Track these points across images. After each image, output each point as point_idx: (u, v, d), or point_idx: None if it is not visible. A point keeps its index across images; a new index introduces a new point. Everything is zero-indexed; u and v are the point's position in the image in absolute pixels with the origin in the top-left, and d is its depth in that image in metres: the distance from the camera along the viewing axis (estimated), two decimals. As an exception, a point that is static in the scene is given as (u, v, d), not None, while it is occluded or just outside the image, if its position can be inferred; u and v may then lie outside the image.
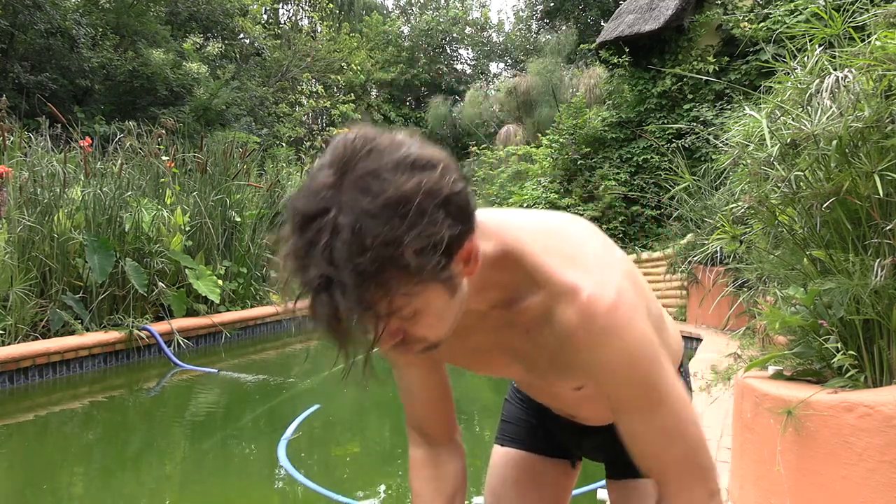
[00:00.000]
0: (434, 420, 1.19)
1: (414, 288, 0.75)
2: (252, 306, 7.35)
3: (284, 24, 20.76)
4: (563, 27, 19.50)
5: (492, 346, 1.01)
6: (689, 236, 7.15)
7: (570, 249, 0.92)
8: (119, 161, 6.46)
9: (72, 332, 5.33)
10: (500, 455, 1.39)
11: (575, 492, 2.92)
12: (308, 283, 0.73)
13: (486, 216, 0.90)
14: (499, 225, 0.92)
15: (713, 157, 5.81)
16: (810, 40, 2.28)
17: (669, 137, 8.51)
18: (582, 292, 0.86)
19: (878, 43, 2.02)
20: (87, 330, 5.46)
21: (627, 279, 0.92)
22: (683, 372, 1.32)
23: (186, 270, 6.39)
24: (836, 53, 2.18)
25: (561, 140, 9.26)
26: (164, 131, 7.61)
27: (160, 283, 6.01)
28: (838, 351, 2.01)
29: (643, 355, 0.88)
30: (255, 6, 17.71)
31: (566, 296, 0.87)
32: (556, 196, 8.93)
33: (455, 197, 0.76)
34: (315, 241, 0.72)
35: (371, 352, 0.79)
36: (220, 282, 6.61)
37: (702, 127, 7.45)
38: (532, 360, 0.99)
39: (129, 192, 6.23)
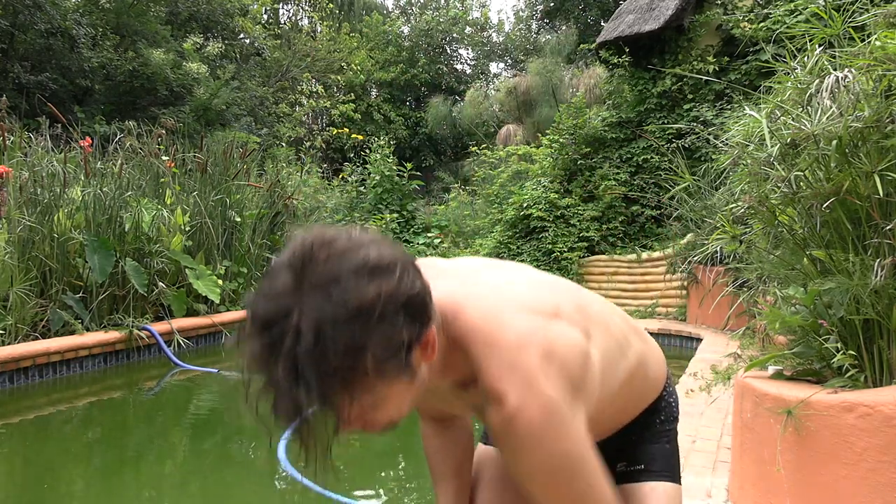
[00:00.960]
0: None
1: (375, 385, 0.79)
2: (252, 306, 7.34)
3: (284, 24, 20.76)
4: (563, 27, 19.51)
5: (451, 403, 1.10)
6: (689, 236, 7.15)
7: (513, 339, 0.91)
8: (119, 161, 6.45)
9: (72, 332, 5.33)
10: (483, 453, 1.41)
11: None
12: (272, 384, 0.77)
13: (442, 294, 0.94)
14: (455, 310, 0.95)
15: (713, 157, 5.82)
16: (810, 40, 2.28)
17: (669, 137, 8.51)
18: (508, 405, 0.88)
19: (878, 43, 2.02)
20: (87, 330, 5.46)
21: (568, 344, 0.93)
22: (668, 392, 1.32)
23: (186, 270, 6.39)
24: (836, 53, 2.18)
25: (561, 140, 9.26)
26: (164, 131, 7.60)
27: (160, 283, 6.00)
28: (838, 351, 2.01)
29: (562, 468, 0.90)
30: (255, 6, 17.69)
31: (496, 403, 0.90)
32: (556, 196, 8.93)
33: (414, 299, 0.81)
34: (277, 344, 0.76)
35: (331, 445, 0.83)
36: (220, 282, 6.61)
37: (702, 127, 7.45)
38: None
39: (129, 192, 6.23)
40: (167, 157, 7.11)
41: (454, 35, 22.30)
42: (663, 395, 1.30)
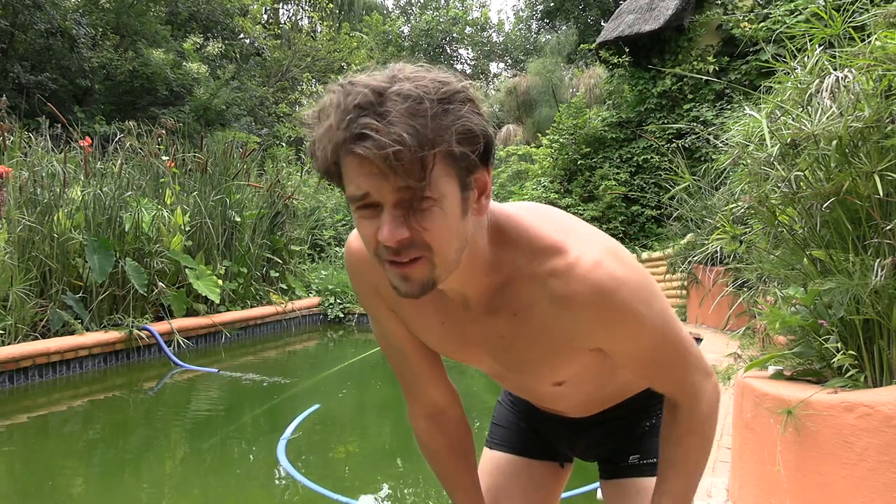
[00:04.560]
0: (426, 375, 1.19)
1: (447, 168, 0.77)
2: (252, 306, 7.35)
3: (284, 24, 20.76)
4: (563, 27, 19.49)
5: (471, 336, 1.04)
6: (689, 236, 7.14)
7: (561, 222, 0.96)
8: (119, 161, 6.45)
9: (72, 332, 5.32)
10: (489, 459, 1.39)
11: (575, 491, 2.92)
12: (365, 123, 0.74)
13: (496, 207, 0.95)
14: (497, 207, 0.96)
15: (713, 157, 5.81)
16: (810, 40, 2.28)
17: (669, 137, 8.51)
18: (568, 254, 0.89)
19: (878, 43, 2.02)
20: (87, 330, 5.46)
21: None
22: None
23: (186, 270, 6.39)
24: (836, 53, 2.18)
25: (561, 140, 9.26)
26: (164, 131, 7.60)
27: (160, 283, 6.00)
28: (838, 351, 2.01)
29: (643, 299, 0.92)
30: (255, 6, 17.69)
31: (553, 254, 0.90)
32: (556, 196, 8.93)
33: (485, 118, 0.80)
34: (370, 96, 0.75)
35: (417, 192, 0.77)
36: (219, 282, 6.61)
37: (702, 127, 7.44)
38: (506, 350, 1.02)
39: (129, 192, 6.23)
40: (167, 157, 7.10)
41: (454, 35, 22.31)
42: None
